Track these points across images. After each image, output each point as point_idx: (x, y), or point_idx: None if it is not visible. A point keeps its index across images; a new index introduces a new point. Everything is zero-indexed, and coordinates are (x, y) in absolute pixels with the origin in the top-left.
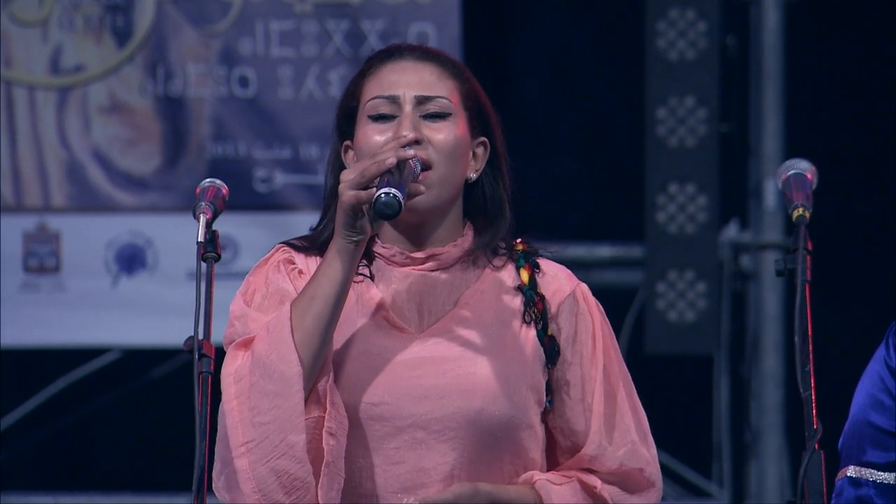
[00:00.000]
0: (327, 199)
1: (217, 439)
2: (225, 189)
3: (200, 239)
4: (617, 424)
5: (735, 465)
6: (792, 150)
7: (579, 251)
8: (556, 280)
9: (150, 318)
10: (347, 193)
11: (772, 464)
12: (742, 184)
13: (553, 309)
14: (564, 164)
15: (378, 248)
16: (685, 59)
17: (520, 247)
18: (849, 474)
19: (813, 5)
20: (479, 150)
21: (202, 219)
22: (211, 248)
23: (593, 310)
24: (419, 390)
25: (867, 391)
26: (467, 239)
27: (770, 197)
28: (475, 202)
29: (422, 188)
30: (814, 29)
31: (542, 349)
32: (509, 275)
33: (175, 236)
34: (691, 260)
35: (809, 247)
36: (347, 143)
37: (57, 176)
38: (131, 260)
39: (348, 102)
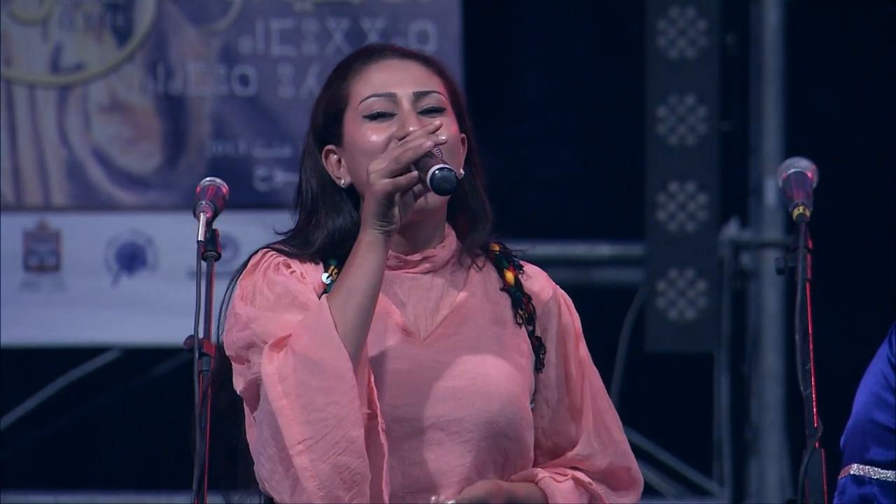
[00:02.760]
0: (310, 204)
1: (260, 440)
2: (225, 188)
3: (201, 237)
4: (604, 423)
5: (735, 463)
6: (792, 148)
7: (579, 249)
8: (538, 281)
9: (150, 317)
10: (382, 182)
11: (772, 462)
12: (742, 182)
13: (539, 310)
14: (564, 163)
15: None
16: (685, 58)
17: (496, 247)
18: (852, 472)
19: (813, 4)
20: (462, 148)
21: (202, 217)
22: (211, 247)
23: (573, 311)
24: (438, 392)
25: (870, 389)
26: (452, 239)
27: (770, 195)
28: (456, 200)
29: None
30: (814, 27)
31: (532, 350)
32: (492, 276)
33: (175, 235)
34: (691, 258)
35: (810, 245)
36: (329, 147)
37: (57, 175)
38: (132, 259)
39: (333, 105)
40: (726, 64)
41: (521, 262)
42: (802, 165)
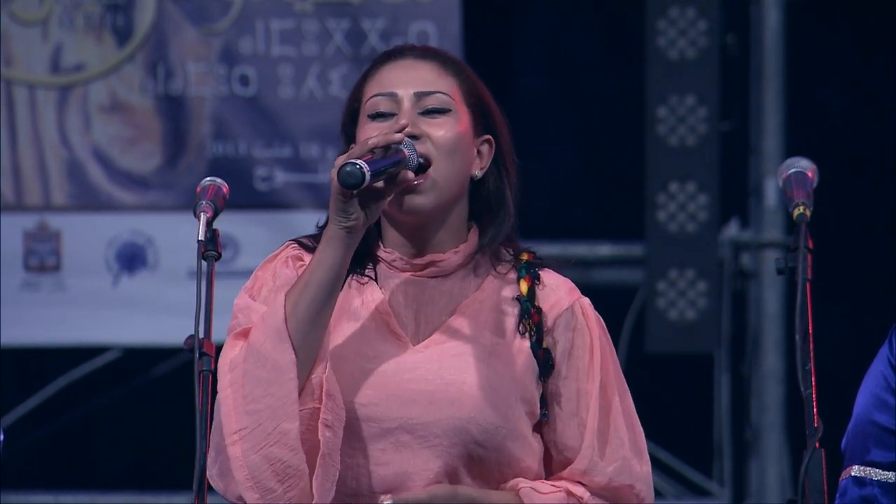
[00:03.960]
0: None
1: (213, 428)
2: (225, 188)
3: (201, 237)
4: (610, 440)
5: (736, 463)
6: (792, 148)
7: (580, 250)
8: (556, 293)
9: (150, 317)
10: (335, 178)
11: (772, 462)
12: (742, 182)
13: (549, 322)
14: (565, 163)
15: (381, 253)
16: (685, 58)
17: (525, 257)
18: (853, 474)
19: (813, 4)
20: (484, 148)
21: (203, 217)
22: (211, 247)
23: (592, 324)
24: (408, 394)
25: (871, 391)
26: (470, 244)
27: (770, 195)
28: (479, 201)
29: (410, 175)
30: (814, 28)
31: (535, 361)
32: (510, 285)
33: (176, 235)
34: (692, 258)
35: (810, 245)
36: (353, 145)
37: (57, 175)
38: (132, 259)
39: (351, 105)
40: (726, 64)
41: (543, 273)
42: (803, 165)
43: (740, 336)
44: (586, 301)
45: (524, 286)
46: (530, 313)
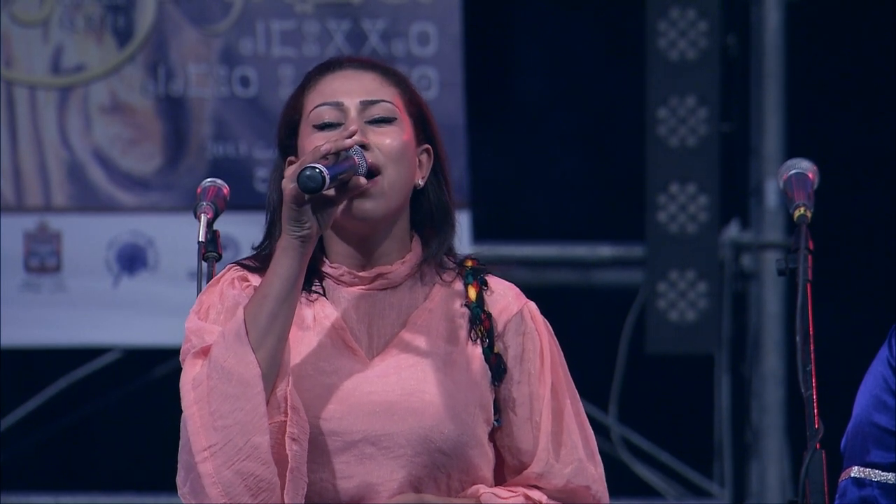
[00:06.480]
0: (271, 217)
1: (179, 447)
2: (226, 189)
3: (201, 239)
4: (564, 442)
5: (736, 464)
6: (793, 149)
7: (580, 251)
8: (504, 298)
9: (151, 318)
10: (288, 186)
11: (773, 463)
12: (743, 183)
13: (500, 327)
14: (565, 164)
15: (326, 268)
16: (686, 59)
17: (469, 263)
18: (853, 475)
19: (814, 5)
20: (424, 158)
21: (203, 218)
22: (212, 248)
23: (541, 328)
24: (370, 406)
25: (870, 392)
26: (415, 254)
27: (771, 196)
28: (422, 211)
29: (362, 180)
30: (814, 29)
31: (488, 367)
32: (457, 292)
33: (176, 236)
34: (692, 260)
35: (811, 246)
36: (291, 158)
37: (58, 176)
38: (132, 260)
39: (290, 117)
40: (727, 65)
41: (489, 279)
42: (803, 166)
43: (741, 337)
44: (533, 305)
45: (472, 292)
46: (481, 319)
